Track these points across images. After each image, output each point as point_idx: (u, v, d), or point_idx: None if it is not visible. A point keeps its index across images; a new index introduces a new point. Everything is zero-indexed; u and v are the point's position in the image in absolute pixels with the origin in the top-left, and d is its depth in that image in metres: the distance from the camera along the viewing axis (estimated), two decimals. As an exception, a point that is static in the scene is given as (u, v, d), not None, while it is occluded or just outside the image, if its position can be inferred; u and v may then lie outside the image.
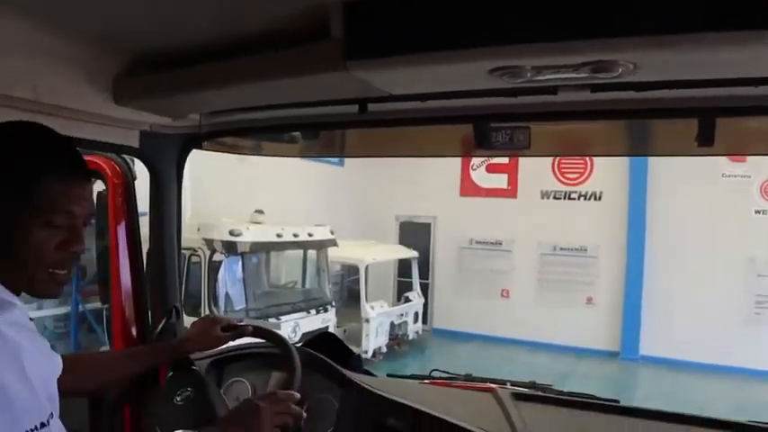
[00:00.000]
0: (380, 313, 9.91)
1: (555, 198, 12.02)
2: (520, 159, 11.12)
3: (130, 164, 2.13)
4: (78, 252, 1.06)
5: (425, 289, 12.19)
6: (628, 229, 11.34)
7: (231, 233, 7.67)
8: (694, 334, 10.32)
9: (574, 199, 11.89)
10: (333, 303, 9.48)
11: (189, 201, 6.71)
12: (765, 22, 0.83)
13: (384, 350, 10.05)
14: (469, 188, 12.66)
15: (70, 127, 1.47)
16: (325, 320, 8.95)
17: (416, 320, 11.12)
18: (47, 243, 1.01)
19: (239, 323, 1.74)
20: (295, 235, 8.69)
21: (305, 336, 7.47)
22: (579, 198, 11.87)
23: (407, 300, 11.10)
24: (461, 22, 0.99)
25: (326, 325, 8.81)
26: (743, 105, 1.32)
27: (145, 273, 2.13)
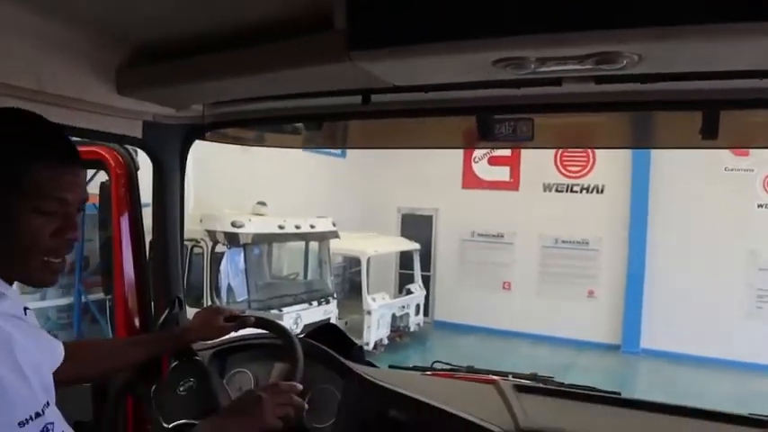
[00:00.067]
0: (382, 305, 9.94)
1: (557, 191, 11.99)
2: (522, 152, 11.11)
3: (133, 154, 2.13)
4: (73, 239, 1.06)
5: (427, 281, 12.20)
6: (630, 223, 11.32)
7: (233, 224, 7.68)
8: (695, 327, 10.33)
9: (576, 192, 11.86)
10: (335, 295, 9.50)
11: (192, 191, 6.71)
12: (771, 14, 0.82)
13: (386, 342, 10.07)
14: (471, 180, 12.63)
15: (73, 117, 1.47)
16: (326, 312, 8.96)
17: (418, 312, 11.14)
18: (42, 231, 1.01)
19: (242, 314, 1.74)
20: (297, 227, 8.70)
21: (307, 327, 7.50)
22: (581, 191, 11.84)
23: (409, 292, 11.11)
24: (465, 13, 0.99)
25: (328, 317, 8.82)
26: (747, 98, 1.31)
27: (148, 264, 2.13)
